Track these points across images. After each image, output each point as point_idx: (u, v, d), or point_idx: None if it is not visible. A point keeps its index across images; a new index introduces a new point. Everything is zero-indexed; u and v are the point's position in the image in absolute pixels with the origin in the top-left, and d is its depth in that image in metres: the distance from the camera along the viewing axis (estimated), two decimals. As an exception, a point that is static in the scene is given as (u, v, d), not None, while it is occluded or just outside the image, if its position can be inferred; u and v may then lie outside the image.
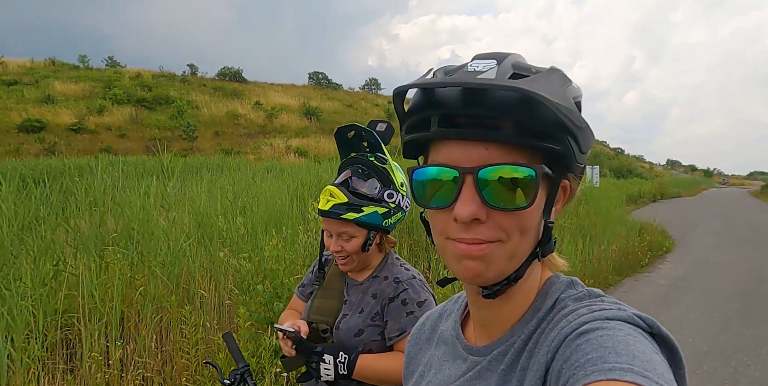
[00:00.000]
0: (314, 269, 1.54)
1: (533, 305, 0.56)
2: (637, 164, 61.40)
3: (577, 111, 0.50)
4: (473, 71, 0.48)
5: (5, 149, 22.85)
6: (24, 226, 3.76)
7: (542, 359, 0.49)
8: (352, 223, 1.31)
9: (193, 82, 43.06)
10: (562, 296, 0.55)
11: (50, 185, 5.40)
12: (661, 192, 25.07)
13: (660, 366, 0.41)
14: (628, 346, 0.42)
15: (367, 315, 1.34)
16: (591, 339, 0.44)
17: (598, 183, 14.52)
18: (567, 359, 0.45)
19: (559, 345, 0.47)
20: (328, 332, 1.38)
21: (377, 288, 1.38)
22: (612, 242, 8.05)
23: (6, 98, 29.94)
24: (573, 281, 0.57)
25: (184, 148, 26.78)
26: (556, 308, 0.54)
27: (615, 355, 0.41)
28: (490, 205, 0.49)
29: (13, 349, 2.49)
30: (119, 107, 32.00)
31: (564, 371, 0.44)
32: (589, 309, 0.49)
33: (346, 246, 1.34)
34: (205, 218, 4.23)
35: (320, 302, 1.44)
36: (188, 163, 12.51)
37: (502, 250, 0.51)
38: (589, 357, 0.42)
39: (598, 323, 0.46)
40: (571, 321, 0.49)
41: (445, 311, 0.71)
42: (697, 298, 5.95)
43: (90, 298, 2.94)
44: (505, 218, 0.50)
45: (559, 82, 0.49)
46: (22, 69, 37.77)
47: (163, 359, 2.92)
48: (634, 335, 0.44)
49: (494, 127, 0.48)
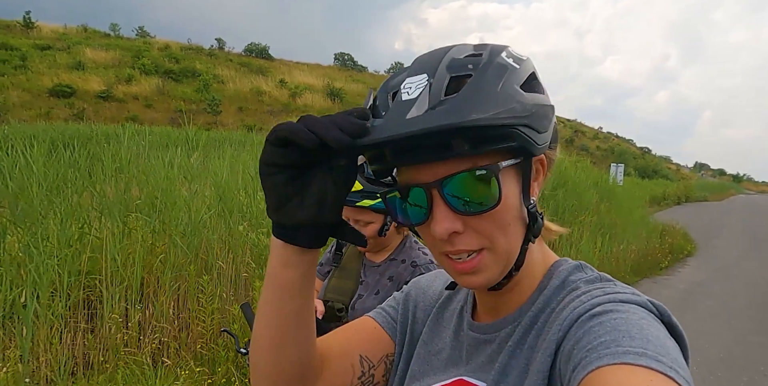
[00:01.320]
0: (332, 249, 1.56)
1: (539, 285, 0.56)
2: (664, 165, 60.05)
3: (522, 99, 0.48)
4: (406, 100, 0.47)
5: (36, 112, 23.37)
6: (53, 188, 3.85)
7: (553, 337, 0.48)
8: (367, 209, 1.33)
9: (220, 57, 43.21)
10: (572, 278, 0.54)
11: (78, 150, 5.51)
12: (687, 195, 24.50)
13: (673, 351, 0.41)
14: (642, 330, 0.41)
15: (383, 297, 1.36)
16: (604, 322, 0.43)
17: (622, 182, 14.23)
18: (579, 340, 0.44)
19: (571, 325, 0.46)
20: (344, 311, 1.40)
21: (394, 271, 1.39)
22: (632, 242, 7.92)
23: (39, 62, 30.45)
24: (582, 264, 0.57)
25: (207, 122, 27.02)
26: (566, 289, 0.53)
27: (629, 339, 0.40)
28: (461, 213, 0.49)
29: (39, 305, 2.57)
30: (147, 78, 32.34)
31: (576, 352, 0.43)
32: (603, 291, 0.49)
33: (363, 231, 1.37)
34: (227, 192, 4.27)
35: (337, 281, 1.47)
36: (211, 136, 12.63)
37: (492, 256, 0.51)
38: (602, 339, 0.41)
39: (611, 305, 0.45)
40: (585, 302, 0.48)
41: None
42: (715, 304, 5.84)
43: (112, 262, 3.01)
44: (482, 222, 0.50)
45: (493, 81, 0.48)
46: (55, 34, 38.33)
47: (179, 325, 2.99)
48: (648, 319, 0.44)
49: (445, 147, 0.48)
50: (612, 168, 14.70)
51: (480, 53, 0.50)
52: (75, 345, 2.73)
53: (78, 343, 2.74)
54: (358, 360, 0.63)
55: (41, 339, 2.54)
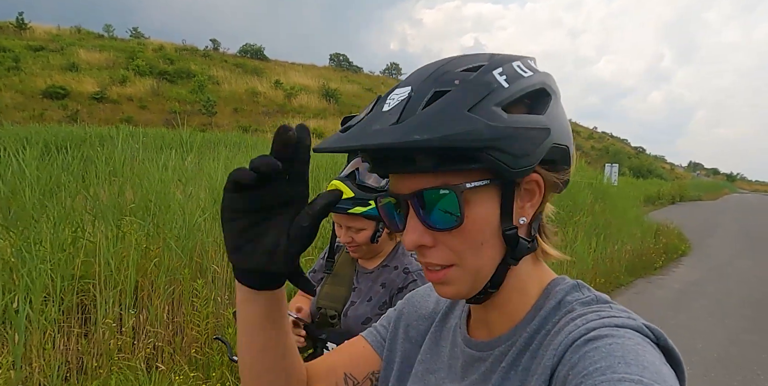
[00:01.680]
0: (325, 255, 1.56)
1: (535, 304, 0.55)
2: (658, 165, 60.37)
3: (495, 121, 0.46)
4: (382, 112, 0.48)
5: (30, 113, 23.24)
6: (46, 191, 3.83)
7: (548, 363, 0.48)
8: (359, 217, 1.33)
9: (215, 58, 43.12)
10: (568, 298, 0.54)
11: (72, 153, 5.48)
12: (681, 194, 24.62)
13: (669, 379, 0.40)
14: (638, 356, 0.41)
15: (375, 304, 1.37)
16: (599, 347, 0.43)
17: (617, 182, 14.29)
18: (574, 366, 0.44)
19: (566, 350, 0.46)
20: (336, 318, 1.40)
21: (386, 278, 1.40)
22: (626, 242, 7.95)
23: (32, 63, 30.31)
24: (579, 284, 0.56)
25: (202, 123, 26.94)
26: (562, 310, 0.53)
27: (625, 365, 0.40)
28: (429, 228, 0.50)
29: (31, 310, 2.55)
30: (141, 79, 32.24)
31: (571, 378, 0.43)
32: (598, 315, 0.48)
33: (355, 238, 1.37)
34: (221, 194, 4.24)
35: (329, 288, 1.47)
36: (206, 138, 12.58)
37: (460, 272, 0.51)
38: (597, 365, 0.41)
39: (607, 330, 0.45)
40: (579, 326, 0.47)
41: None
42: (710, 304, 5.87)
43: (106, 266, 2.99)
44: (452, 239, 0.50)
45: (464, 100, 0.47)
46: (48, 35, 38.14)
47: (174, 330, 2.98)
48: (643, 345, 0.43)
49: (411, 161, 0.48)
50: (606, 168, 14.76)
51: (478, 66, 0.50)
52: (68, 350, 2.71)
53: (72, 348, 2.72)
54: (342, 377, 0.66)
55: (34, 345, 2.53)
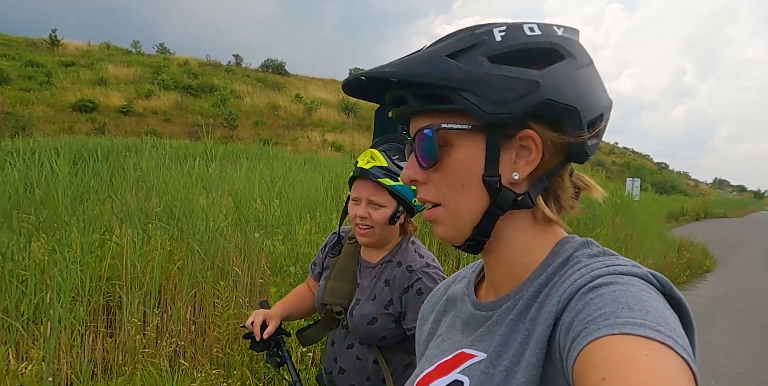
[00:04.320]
0: (325, 247, 1.51)
1: (544, 262, 0.55)
2: (682, 181, 59.12)
3: (472, 67, 0.51)
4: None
5: (60, 126, 24.02)
6: (77, 196, 3.98)
7: (552, 309, 0.48)
8: (385, 190, 1.28)
9: (237, 72, 44.09)
10: (576, 253, 0.54)
11: (101, 161, 5.67)
12: (706, 211, 24.00)
13: (672, 321, 0.41)
14: (642, 302, 0.42)
15: (380, 303, 1.32)
16: (604, 294, 0.44)
17: (638, 197, 14.05)
18: (579, 312, 0.44)
19: (571, 297, 0.47)
20: (343, 314, 1.37)
21: (390, 274, 1.35)
22: (648, 256, 7.81)
23: (63, 78, 31.42)
24: (588, 241, 0.56)
25: (224, 136, 27.47)
26: (569, 263, 0.53)
27: (628, 310, 0.41)
28: (420, 166, 0.56)
29: (61, 309, 2.65)
30: (166, 93, 33.12)
31: (575, 324, 0.44)
32: (604, 264, 0.49)
33: (373, 214, 1.31)
34: (243, 201, 4.36)
35: (333, 284, 1.42)
36: (228, 150, 12.83)
37: (445, 212, 0.56)
38: (602, 311, 0.42)
39: (611, 277, 0.46)
40: (585, 274, 0.48)
41: (459, 275, 0.73)
42: (734, 320, 5.71)
43: (132, 268, 3.08)
44: (438, 178, 0.55)
45: (446, 48, 0.52)
46: (79, 51, 39.56)
47: (196, 330, 3.04)
48: (647, 291, 0.44)
49: (404, 100, 0.56)
50: (628, 183, 14.52)
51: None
52: (95, 348, 2.79)
53: (98, 347, 2.80)
54: None
55: (63, 342, 2.61)
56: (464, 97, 0.51)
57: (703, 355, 4.43)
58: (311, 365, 2.82)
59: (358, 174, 1.31)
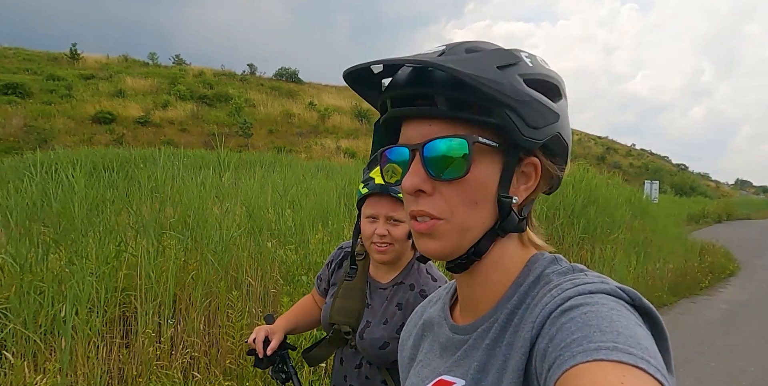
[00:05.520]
0: (331, 263, 1.47)
1: (515, 281, 0.56)
2: (702, 182, 57.93)
3: (516, 84, 0.50)
4: (425, 53, 0.52)
5: (80, 138, 24.58)
6: (93, 208, 4.04)
7: (527, 335, 0.49)
8: (403, 205, 1.26)
9: (252, 82, 44.66)
10: (546, 271, 0.54)
11: (117, 172, 5.77)
12: (728, 213, 23.48)
13: (644, 340, 0.41)
14: (612, 322, 0.42)
15: (392, 327, 1.29)
16: (575, 317, 0.44)
17: (657, 199, 13.79)
18: (552, 338, 0.44)
19: (544, 322, 0.47)
20: (351, 334, 1.34)
21: (402, 297, 1.32)
22: (669, 260, 7.63)
23: (83, 90, 32.18)
24: (557, 257, 0.57)
25: (239, 144, 27.80)
26: (540, 283, 0.53)
27: (600, 333, 0.41)
28: (433, 176, 0.52)
29: (78, 320, 2.67)
30: (182, 103, 33.68)
31: (550, 351, 0.44)
32: (573, 283, 0.49)
33: (393, 231, 1.27)
34: (256, 210, 4.38)
35: (342, 302, 1.37)
36: (243, 158, 12.99)
37: (449, 226, 0.53)
38: (574, 336, 0.42)
39: (581, 298, 0.46)
40: (555, 297, 0.48)
41: (433, 297, 0.73)
42: (760, 325, 5.53)
43: (147, 279, 3.11)
44: (450, 191, 0.52)
45: (495, 60, 0.51)
46: (98, 64, 40.53)
47: (210, 341, 3.05)
48: (618, 309, 0.44)
49: (431, 104, 0.51)
50: (646, 185, 14.28)
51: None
52: (111, 359, 2.81)
53: (114, 358, 2.82)
54: None
55: (80, 353, 2.64)
56: (507, 114, 0.50)
57: (730, 362, 4.30)
58: (324, 376, 2.80)
59: (378, 191, 1.26)
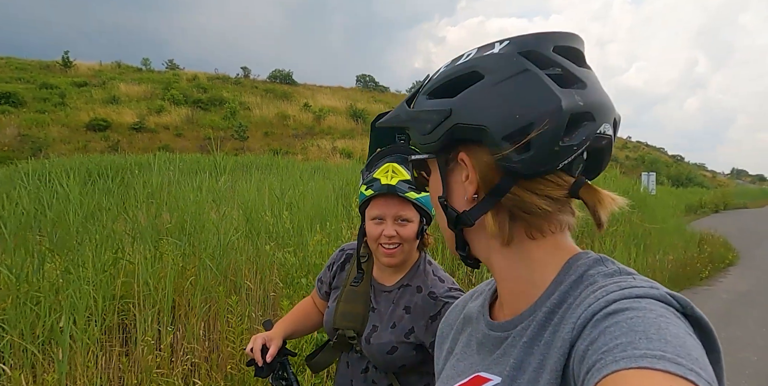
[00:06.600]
0: (332, 265, 1.43)
1: (555, 279, 0.54)
2: (698, 173, 58.08)
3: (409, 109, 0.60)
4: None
5: (74, 146, 24.49)
6: (88, 215, 4.01)
7: (566, 336, 0.47)
8: (410, 204, 1.22)
9: (246, 85, 44.56)
10: (591, 272, 0.52)
11: (112, 179, 5.75)
12: (725, 203, 23.56)
13: (695, 351, 0.39)
14: (660, 330, 0.39)
15: (400, 331, 1.25)
16: (620, 321, 0.42)
17: (654, 191, 13.79)
18: (594, 341, 0.42)
19: (585, 324, 0.45)
20: (356, 338, 1.31)
21: (409, 300, 1.28)
22: (668, 252, 7.64)
23: (76, 98, 32.05)
24: (602, 257, 0.54)
25: (235, 147, 27.73)
26: (583, 283, 0.51)
27: (646, 340, 0.39)
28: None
29: (76, 329, 2.65)
30: (176, 108, 33.58)
31: (590, 354, 0.42)
32: (619, 286, 0.47)
33: (401, 231, 1.23)
34: (254, 213, 4.36)
35: (345, 306, 1.33)
36: (239, 161, 12.95)
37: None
38: (618, 341, 0.40)
39: (627, 302, 0.43)
40: (599, 298, 0.46)
41: (476, 291, 0.73)
42: (762, 315, 5.54)
43: (145, 286, 3.08)
44: None
45: (411, 95, 0.62)
46: (91, 71, 40.35)
47: (210, 347, 3.02)
48: (667, 316, 0.41)
49: None
50: (643, 177, 14.26)
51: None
52: (110, 368, 2.79)
53: (113, 366, 2.80)
54: None
55: (79, 363, 2.61)
56: (410, 133, 0.61)
57: (733, 353, 4.29)
58: (326, 378, 2.78)
59: (385, 191, 1.21)
